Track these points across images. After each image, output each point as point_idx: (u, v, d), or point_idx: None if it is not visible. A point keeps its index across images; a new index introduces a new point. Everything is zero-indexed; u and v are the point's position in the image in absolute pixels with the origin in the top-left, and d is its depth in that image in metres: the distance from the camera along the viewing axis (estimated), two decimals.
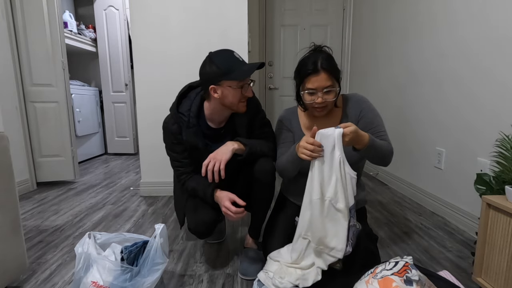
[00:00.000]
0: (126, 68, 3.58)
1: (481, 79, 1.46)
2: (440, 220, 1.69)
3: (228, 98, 1.09)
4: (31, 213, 1.84)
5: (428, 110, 1.88)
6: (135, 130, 3.69)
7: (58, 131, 2.40)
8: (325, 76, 1.05)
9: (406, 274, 0.78)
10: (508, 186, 0.97)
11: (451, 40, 1.66)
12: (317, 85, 1.06)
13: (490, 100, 1.41)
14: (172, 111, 1.18)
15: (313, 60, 1.07)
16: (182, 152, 1.19)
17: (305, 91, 1.10)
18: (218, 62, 1.06)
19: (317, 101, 1.07)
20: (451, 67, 1.66)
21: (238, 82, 1.07)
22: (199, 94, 1.18)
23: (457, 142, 1.63)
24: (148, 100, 2.09)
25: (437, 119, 1.79)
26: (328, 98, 1.08)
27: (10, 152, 1.03)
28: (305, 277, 1.00)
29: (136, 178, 2.68)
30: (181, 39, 2.04)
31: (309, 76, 1.07)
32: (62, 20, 2.44)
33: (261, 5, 3.17)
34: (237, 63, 1.07)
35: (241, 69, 1.07)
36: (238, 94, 1.08)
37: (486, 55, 1.43)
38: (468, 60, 1.54)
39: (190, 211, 1.22)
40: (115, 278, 0.90)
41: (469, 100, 1.54)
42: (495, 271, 1.00)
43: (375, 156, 1.06)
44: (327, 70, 1.06)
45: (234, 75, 1.06)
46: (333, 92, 1.08)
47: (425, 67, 1.90)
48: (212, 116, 1.18)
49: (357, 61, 3.03)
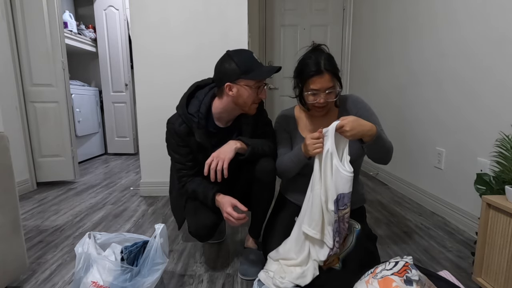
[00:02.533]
0: (126, 68, 3.58)
1: (481, 79, 1.46)
2: (440, 220, 1.69)
3: (243, 98, 1.09)
4: (31, 213, 1.84)
5: (428, 110, 1.88)
6: (135, 130, 3.69)
7: (58, 131, 2.40)
8: (328, 77, 1.07)
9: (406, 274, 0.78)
10: (508, 186, 0.97)
11: (451, 40, 1.66)
12: (320, 86, 1.08)
13: (490, 100, 1.41)
14: (180, 110, 1.15)
15: (316, 61, 1.07)
16: (187, 155, 1.17)
17: (309, 92, 1.11)
18: (237, 60, 1.07)
19: (320, 101, 1.09)
20: (451, 67, 1.66)
21: (255, 82, 1.08)
22: (208, 94, 1.16)
23: (457, 142, 1.63)
24: (148, 100, 2.09)
25: (437, 119, 1.79)
26: (329, 98, 1.10)
27: (10, 152, 1.03)
28: (304, 274, 1.01)
29: (136, 178, 2.68)
30: (181, 39, 2.04)
31: (313, 77, 1.08)
32: (62, 20, 2.44)
33: (261, 5, 3.17)
34: (257, 64, 1.09)
35: (261, 70, 1.09)
36: (254, 94, 1.09)
37: (486, 55, 1.43)
38: (468, 60, 1.54)
39: (190, 214, 1.21)
40: (115, 278, 0.90)
41: (469, 100, 1.54)
42: (495, 271, 1.00)
43: (381, 151, 1.05)
44: (330, 71, 1.07)
45: (253, 75, 1.06)
46: (334, 92, 1.11)
47: (425, 67, 1.90)
48: (221, 115, 1.17)
49: (357, 61, 3.03)
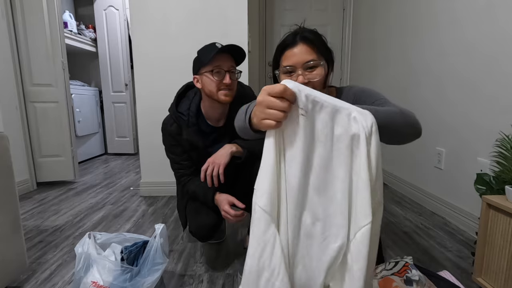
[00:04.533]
0: (126, 68, 3.57)
1: (481, 78, 1.46)
2: (440, 220, 1.69)
3: (207, 86, 1.09)
4: (31, 213, 1.83)
5: (428, 109, 1.88)
6: (135, 130, 3.69)
7: (58, 131, 2.40)
8: (305, 48, 0.79)
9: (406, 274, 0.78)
10: (508, 186, 0.97)
11: (451, 40, 1.66)
12: (295, 60, 0.79)
13: (490, 99, 1.41)
14: (171, 111, 1.18)
15: (293, 33, 0.83)
16: (181, 154, 1.19)
17: (281, 70, 0.83)
18: (199, 52, 1.09)
19: (297, 81, 0.72)
20: (451, 67, 1.66)
21: (211, 67, 1.06)
22: (198, 93, 1.18)
23: (457, 142, 1.63)
24: (148, 100, 2.08)
25: (437, 119, 1.79)
26: (312, 77, 0.79)
27: (10, 152, 1.03)
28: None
29: (136, 178, 2.68)
30: (181, 39, 2.04)
31: (285, 50, 0.82)
32: (62, 20, 2.44)
33: (261, 5, 3.17)
34: (213, 49, 1.05)
35: (212, 52, 1.04)
36: (215, 80, 1.06)
37: (486, 54, 1.43)
38: (468, 60, 1.54)
39: (191, 214, 1.22)
40: (115, 278, 0.90)
41: (469, 99, 1.54)
42: (495, 271, 1.00)
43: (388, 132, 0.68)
44: (308, 40, 0.80)
45: (202, 59, 1.06)
46: (318, 68, 0.80)
47: (425, 67, 1.90)
48: (208, 113, 1.18)
49: (357, 61, 3.03)
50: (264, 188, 0.56)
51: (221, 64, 1.06)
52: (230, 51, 1.08)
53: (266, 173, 0.57)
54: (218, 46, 1.05)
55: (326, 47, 0.84)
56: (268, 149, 0.57)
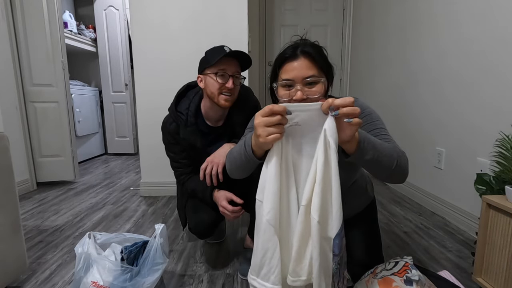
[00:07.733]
0: (126, 68, 3.57)
1: (481, 78, 1.46)
2: (440, 220, 1.69)
3: (209, 87, 1.10)
4: (31, 213, 1.83)
5: (428, 109, 1.88)
6: (135, 130, 3.69)
7: (58, 131, 2.40)
8: (306, 63, 0.78)
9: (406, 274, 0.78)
10: (508, 186, 0.97)
11: (451, 40, 1.66)
12: (294, 74, 0.77)
13: (490, 99, 1.41)
14: (170, 110, 1.19)
15: (293, 46, 0.81)
16: (180, 153, 1.20)
17: (279, 83, 0.80)
18: (207, 52, 1.10)
19: (296, 97, 0.76)
20: (451, 67, 1.66)
21: (215, 69, 1.07)
22: (198, 93, 1.19)
23: (457, 142, 1.63)
24: (148, 100, 2.08)
25: (437, 119, 1.79)
26: (311, 93, 0.77)
27: (10, 152, 1.03)
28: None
29: (136, 178, 2.68)
30: (181, 39, 2.04)
31: (285, 63, 0.80)
32: (62, 20, 2.44)
33: (261, 5, 3.17)
34: (221, 51, 1.06)
35: (218, 54, 1.05)
36: (216, 83, 1.07)
37: (486, 54, 1.43)
38: (467, 60, 1.54)
39: (190, 211, 1.23)
40: (115, 278, 0.90)
41: (469, 99, 1.54)
42: (495, 271, 1.00)
43: (376, 166, 0.71)
44: (309, 55, 0.78)
45: (209, 60, 1.07)
46: (318, 85, 0.78)
47: (425, 67, 1.90)
48: (208, 113, 1.19)
49: (357, 61, 3.03)
50: (270, 205, 0.66)
51: (227, 68, 1.07)
52: (237, 56, 1.10)
53: (271, 188, 0.66)
54: (227, 50, 1.07)
55: (327, 62, 0.83)
56: (271, 165, 0.66)
